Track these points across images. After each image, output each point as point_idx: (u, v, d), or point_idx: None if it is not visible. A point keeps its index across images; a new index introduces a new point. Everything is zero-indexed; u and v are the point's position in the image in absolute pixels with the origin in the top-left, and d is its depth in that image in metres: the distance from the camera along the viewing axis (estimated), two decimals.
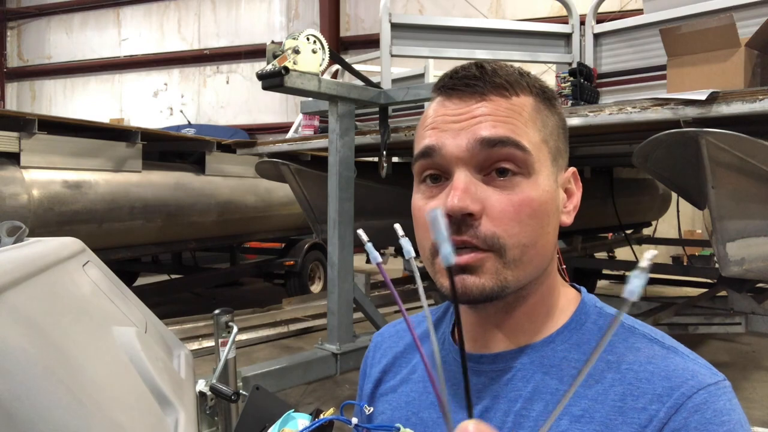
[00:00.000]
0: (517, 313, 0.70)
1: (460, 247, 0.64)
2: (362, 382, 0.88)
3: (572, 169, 0.73)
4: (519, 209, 0.64)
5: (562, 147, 0.71)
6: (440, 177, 0.67)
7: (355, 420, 0.72)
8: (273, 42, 2.84)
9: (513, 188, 0.65)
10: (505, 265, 0.64)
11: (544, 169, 0.67)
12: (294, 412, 0.72)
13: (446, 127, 0.67)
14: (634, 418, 0.61)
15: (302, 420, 0.70)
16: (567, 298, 0.73)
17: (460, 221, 0.63)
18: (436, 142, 0.66)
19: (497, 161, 0.65)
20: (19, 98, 14.84)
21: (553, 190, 0.68)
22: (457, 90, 0.68)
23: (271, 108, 12.19)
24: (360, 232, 0.69)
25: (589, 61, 3.46)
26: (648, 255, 0.47)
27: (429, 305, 0.72)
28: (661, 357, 0.65)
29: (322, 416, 0.69)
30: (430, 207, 0.67)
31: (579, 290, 0.76)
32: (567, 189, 0.72)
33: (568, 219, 0.71)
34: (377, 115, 3.49)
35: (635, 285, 0.47)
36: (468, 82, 0.67)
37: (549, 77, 5.14)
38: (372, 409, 0.80)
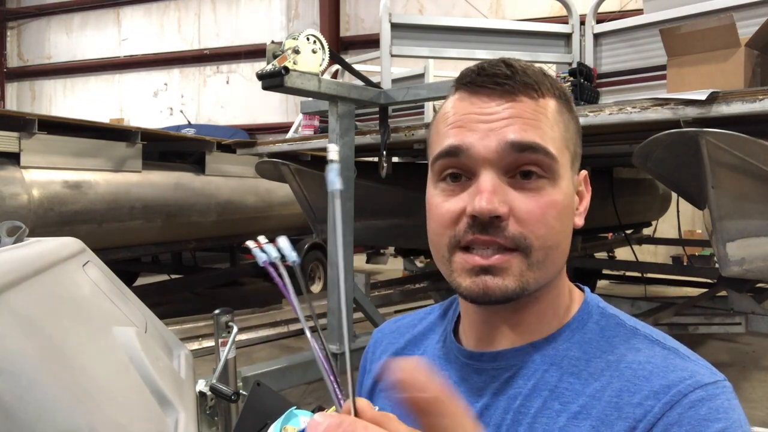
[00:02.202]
0: (526, 313, 0.70)
1: (485, 248, 0.64)
2: (362, 377, 0.88)
3: (584, 172, 0.74)
4: (545, 211, 0.64)
5: (579, 151, 0.71)
6: (461, 176, 0.66)
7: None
8: (273, 42, 2.83)
9: (538, 191, 0.64)
10: (529, 267, 0.64)
11: (566, 173, 0.67)
12: (296, 409, 0.72)
13: (474, 127, 0.65)
14: (630, 413, 0.61)
15: (304, 417, 0.70)
16: (572, 298, 0.74)
17: (487, 223, 0.63)
18: (462, 142, 0.65)
19: (524, 165, 0.64)
20: (19, 98, 14.84)
21: (572, 194, 0.69)
22: (486, 87, 0.66)
23: (271, 108, 12.19)
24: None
25: (589, 61, 3.46)
26: None
27: (429, 305, 0.72)
28: (661, 357, 0.65)
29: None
30: (449, 206, 0.66)
31: (582, 290, 0.76)
32: (578, 191, 0.72)
33: (580, 221, 0.72)
34: (377, 115, 3.49)
35: None
36: (498, 81, 0.66)
37: None
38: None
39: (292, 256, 0.57)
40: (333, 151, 0.54)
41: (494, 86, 0.66)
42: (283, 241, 0.57)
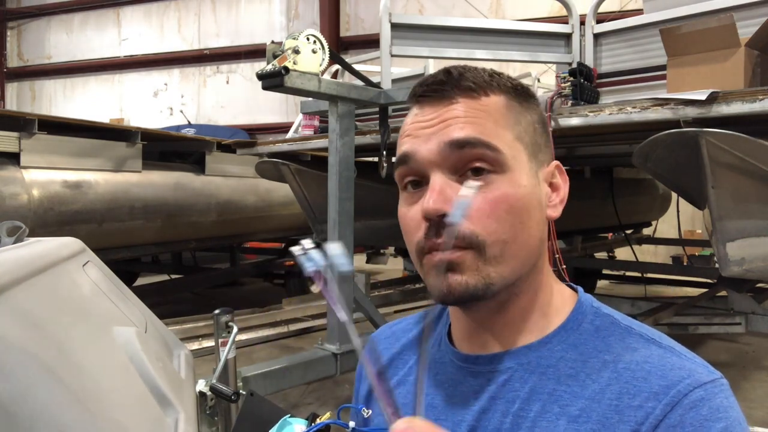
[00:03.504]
0: (510, 313, 0.70)
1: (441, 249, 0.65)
2: (358, 384, 0.88)
3: (555, 162, 0.74)
4: (495, 206, 0.65)
5: (540, 142, 0.72)
6: (420, 182, 0.69)
7: (352, 423, 0.72)
8: (273, 42, 2.83)
9: (488, 186, 0.65)
10: (486, 262, 0.65)
11: (520, 165, 0.68)
12: (290, 417, 0.72)
13: (419, 134, 0.68)
14: (631, 415, 0.61)
15: (299, 425, 0.70)
16: (563, 298, 0.73)
17: (438, 223, 0.64)
18: (410, 148, 0.68)
19: (470, 161, 0.66)
20: (19, 98, 14.84)
21: (533, 185, 0.69)
22: (427, 97, 0.70)
23: (271, 108, 12.19)
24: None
25: (589, 61, 3.46)
26: None
27: (429, 305, 0.72)
28: (658, 356, 0.65)
29: (318, 421, 0.69)
30: (411, 212, 0.68)
31: (575, 290, 0.76)
32: (552, 183, 0.73)
33: (554, 212, 0.72)
34: (377, 115, 3.49)
35: None
36: (436, 88, 0.69)
37: (549, 77, 5.14)
38: (370, 411, 0.80)
39: (344, 264, 0.58)
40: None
41: (433, 94, 0.69)
42: (336, 248, 0.59)
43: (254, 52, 11.95)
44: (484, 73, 0.70)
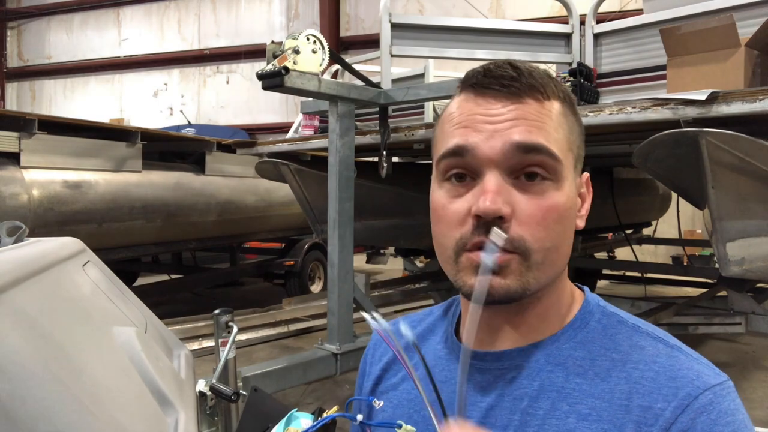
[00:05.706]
0: (528, 314, 0.70)
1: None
2: (361, 380, 0.88)
3: (586, 174, 0.74)
4: (546, 214, 0.65)
5: (582, 153, 0.72)
6: (466, 176, 0.67)
7: (360, 417, 0.72)
8: (273, 42, 2.83)
9: (542, 193, 0.65)
10: (528, 268, 0.65)
11: (569, 175, 0.68)
12: (296, 411, 0.72)
13: (479, 128, 0.65)
14: (640, 416, 0.61)
15: (305, 419, 0.70)
16: (572, 297, 0.74)
17: (490, 224, 0.64)
18: (467, 142, 0.65)
19: (528, 166, 0.65)
20: (19, 98, 14.84)
21: (575, 196, 0.69)
22: (492, 89, 0.66)
23: (271, 108, 12.19)
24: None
25: (589, 61, 3.46)
26: None
27: (429, 305, 0.72)
28: (666, 356, 0.65)
29: (325, 415, 0.69)
30: (456, 206, 0.66)
31: (582, 290, 0.76)
32: (580, 194, 0.73)
33: (581, 223, 0.72)
34: (377, 115, 3.49)
35: None
36: (504, 82, 0.66)
37: None
38: (382, 402, 0.80)
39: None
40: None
41: (500, 88, 0.66)
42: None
43: (254, 52, 11.96)
44: (545, 74, 0.69)
